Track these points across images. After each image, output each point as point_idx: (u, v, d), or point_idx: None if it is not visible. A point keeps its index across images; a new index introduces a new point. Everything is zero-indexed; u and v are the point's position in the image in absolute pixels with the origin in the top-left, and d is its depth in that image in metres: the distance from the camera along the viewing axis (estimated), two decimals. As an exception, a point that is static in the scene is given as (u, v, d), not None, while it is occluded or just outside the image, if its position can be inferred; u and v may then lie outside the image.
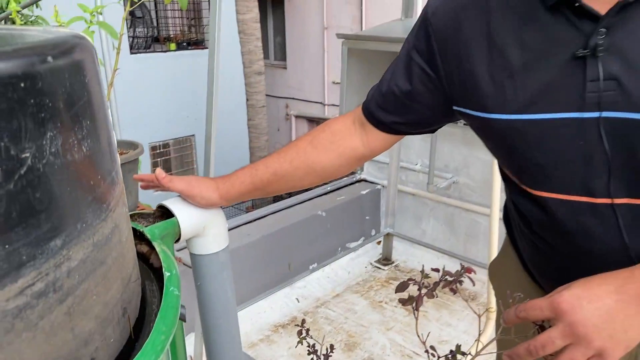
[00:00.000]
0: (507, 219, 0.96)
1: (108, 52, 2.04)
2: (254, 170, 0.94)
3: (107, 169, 0.55)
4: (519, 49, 0.69)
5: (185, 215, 0.96)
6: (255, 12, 6.23)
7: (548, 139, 0.69)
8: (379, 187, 3.01)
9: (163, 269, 0.71)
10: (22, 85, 0.41)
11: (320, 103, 9.27)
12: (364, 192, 2.94)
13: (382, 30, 2.31)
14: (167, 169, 7.95)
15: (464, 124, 0.93)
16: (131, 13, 7.64)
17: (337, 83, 8.87)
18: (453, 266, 0.76)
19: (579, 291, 0.61)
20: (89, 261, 0.50)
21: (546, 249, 0.81)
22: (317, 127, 0.98)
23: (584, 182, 0.69)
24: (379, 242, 3.06)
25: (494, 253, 2.14)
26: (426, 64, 0.80)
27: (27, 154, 0.42)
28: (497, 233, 2.12)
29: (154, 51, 7.71)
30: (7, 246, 0.41)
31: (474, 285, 0.71)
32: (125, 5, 1.58)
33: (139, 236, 0.81)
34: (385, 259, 2.94)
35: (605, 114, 0.64)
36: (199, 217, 0.98)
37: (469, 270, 0.71)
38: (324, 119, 9.22)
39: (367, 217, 2.99)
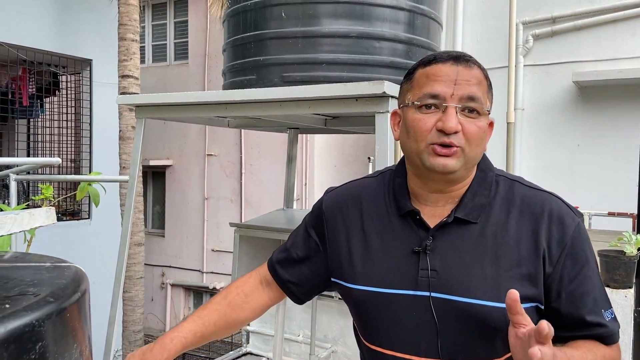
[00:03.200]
0: None
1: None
2: (184, 340, 1.08)
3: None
4: (379, 239, 1.01)
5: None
6: (139, 187, 6.52)
7: (390, 306, 0.95)
8: (264, 359, 3.16)
9: None
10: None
11: (199, 271, 9.29)
12: (250, 366, 3.07)
13: (267, 220, 2.71)
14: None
15: (339, 298, 1.24)
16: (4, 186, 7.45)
17: (216, 251, 9.08)
18: None
19: None
20: None
21: None
22: (231, 289, 1.16)
23: (413, 343, 0.96)
24: (264, 417, 3.11)
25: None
26: (319, 240, 1.10)
27: None
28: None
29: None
30: None
31: None
32: None
33: None
34: None
35: (433, 294, 0.94)
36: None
37: None
38: (203, 287, 9.18)
39: (253, 391, 3.08)
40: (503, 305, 0.88)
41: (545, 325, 0.76)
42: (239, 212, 8.74)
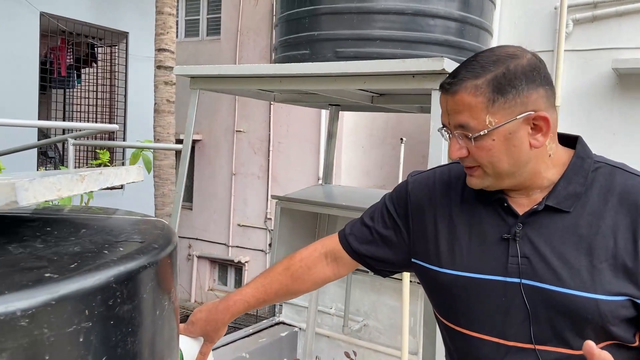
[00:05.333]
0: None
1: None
2: (247, 304, 1.16)
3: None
4: (468, 227, 1.03)
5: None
6: (172, 159, 6.64)
7: (479, 291, 0.97)
8: (296, 329, 3.26)
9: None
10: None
11: (225, 244, 9.47)
12: (283, 335, 3.17)
13: (307, 194, 2.77)
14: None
15: (373, 274, 1.26)
16: (43, 153, 7.67)
17: (242, 225, 9.23)
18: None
19: None
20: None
21: None
22: (294, 261, 1.20)
23: (500, 327, 0.97)
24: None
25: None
26: (401, 220, 1.13)
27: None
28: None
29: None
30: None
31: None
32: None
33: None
34: (301, 401, 3.09)
35: (524, 280, 0.95)
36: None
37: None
38: (228, 261, 9.37)
39: (284, 359, 3.18)
40: (595, 296, 0.90)
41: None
42: (265, 188, 8.84)
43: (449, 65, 1.45)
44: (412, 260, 1.13)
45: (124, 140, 7.35)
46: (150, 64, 6.58)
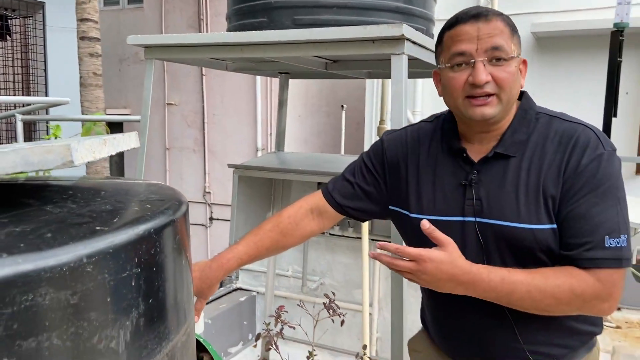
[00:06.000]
0: (422, 309, 1.38)
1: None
2: (240, 261, 1.26)
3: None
4: (432, 177, 1.18)
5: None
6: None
7: (443, 231, 1.08)
8: (254, 294, 3.36)
9: None
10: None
11: (162, 220, 9.29)
12: (242, 299, 3.26)
13: (262, 161, 2.84)
14: None
15: (329, 234, 1.37)
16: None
17: (180, 201, 9.07)
18: (325, 357, 1.18)
19: (435, 266, 1.02)
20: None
21: (440, 316, 1.25)
22: (282, 218, 1.30)
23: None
24: (255, 345, 3.33)
25: (366, 340, 2.63)
26: (378, 174, 1.27)
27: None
28: (368, 322, 2.62)
29: None
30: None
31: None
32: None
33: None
34: (264, 360, 3.21)
35: (478, 219, 1.11)
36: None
37: None
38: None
39: (244, 323, 3.28)
40: (531, 226, 1.05)
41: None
42: (202, 162, 8.73)
43: (408, 31, 1.56)
44: (389, 207, 1.27)
45: (47, 114, 6.95)
46: (71, 35, 6.22)
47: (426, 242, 1.12)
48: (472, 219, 1.12)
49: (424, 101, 6.41)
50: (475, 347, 1.18)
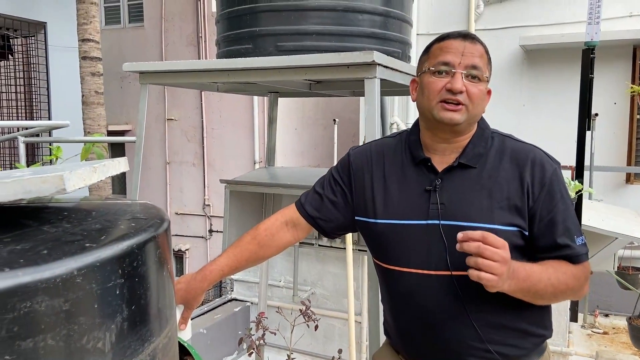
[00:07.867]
0: (385, 320, 1.45)
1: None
2: (222, 272, 1.36)
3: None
4: (398, 184, 1.28)
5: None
6: (105, 154, 6.57)
7: (406, 233, 1.19)
8: (248, 304, 3.47)
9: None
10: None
11: (163, 234, 9.40)
12: (236, 310, 3.37)
13: (253, 176, 2.96)
14: None
15: (319, 245, 1.46)
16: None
17: (180, 214, 9.21)
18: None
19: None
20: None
21: (402, 319, 1.32)
22: (259, 231, 1.39)
23: (425, 261, 1.21)
24: (250, 354, 3.43)
25: (353, 348, 2.74)
26: (345, 186, 1.38)
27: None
28: (354, 330, 2.73)
29: None
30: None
31: None
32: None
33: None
34: (259, 369, 3.31)
35: (442, 221, 1.20)
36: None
37: None
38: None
39: (239, 332, 3.38)
40: (494, 226, 1.18)
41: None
42: (202, 175, 8.87)
43: (378, 57, 1.70)
44: (355, 217, 1.38)
45: (49, 135, 7.11)
46: (73, 54, 6.39)
47: (390, 248, 1.22)
48: (437, 221, 1.22)
49: (416, 114, 6.54)
50: (436, 347, 1.28)
